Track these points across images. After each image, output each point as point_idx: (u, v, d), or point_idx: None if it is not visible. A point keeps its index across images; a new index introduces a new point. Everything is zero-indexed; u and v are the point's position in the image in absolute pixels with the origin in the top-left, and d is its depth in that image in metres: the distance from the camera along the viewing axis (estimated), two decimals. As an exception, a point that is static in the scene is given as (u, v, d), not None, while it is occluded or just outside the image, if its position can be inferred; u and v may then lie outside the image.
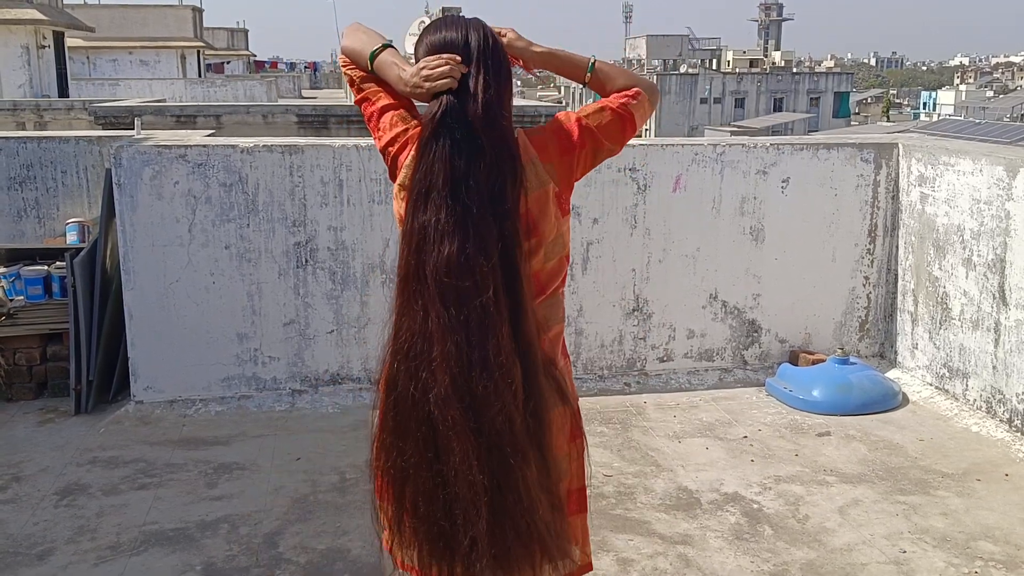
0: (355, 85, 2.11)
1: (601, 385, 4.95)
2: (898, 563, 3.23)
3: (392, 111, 2.03)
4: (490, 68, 1.92)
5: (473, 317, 1.78)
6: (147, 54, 33.48)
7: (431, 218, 1.81)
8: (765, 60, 75.60)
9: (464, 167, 1.83)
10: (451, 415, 1.78)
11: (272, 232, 4.56)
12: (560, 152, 2.00)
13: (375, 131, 2.05)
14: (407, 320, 1.84)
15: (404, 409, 1.85)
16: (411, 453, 1.85)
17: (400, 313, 1.87)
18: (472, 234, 1.80)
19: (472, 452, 1.79)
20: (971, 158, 4.58)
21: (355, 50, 2.07)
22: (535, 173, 1.96)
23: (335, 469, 3.94)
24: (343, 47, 2.12)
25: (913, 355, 5.05)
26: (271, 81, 30.52)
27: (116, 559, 3.23)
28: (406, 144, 1.98)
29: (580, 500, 2.16)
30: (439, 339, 1.79)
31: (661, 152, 4.89)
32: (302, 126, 10.57)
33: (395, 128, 2.00)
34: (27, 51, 21.36)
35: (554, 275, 2.03)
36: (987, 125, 28.08)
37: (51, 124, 13.33)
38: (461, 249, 1.79)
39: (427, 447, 1.82)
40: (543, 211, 1.96)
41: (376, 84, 2.07)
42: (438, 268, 1.79)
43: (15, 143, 5.43)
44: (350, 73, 2.12)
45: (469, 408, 1.79)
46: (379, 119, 2.03)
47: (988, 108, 56.16)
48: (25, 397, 4.73)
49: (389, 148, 2.01)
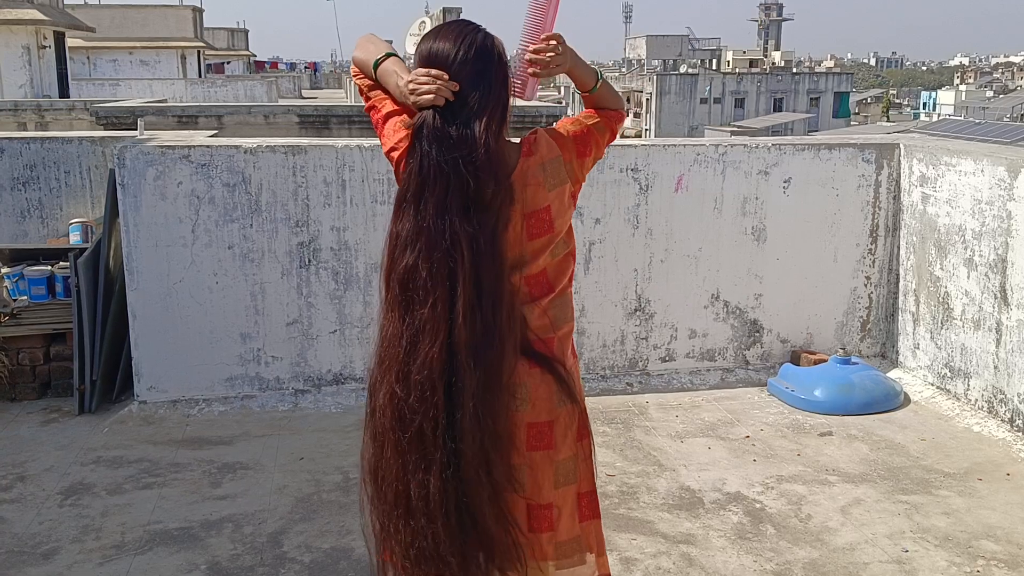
0: (364, 93, 2.19)
1: (603, 385, 4.96)
2: (900, 562, 3.24)
3: (395, 117, 2.09)
4: (477, 83, 1.96)
5: (416, 325, 1.90)
6: (147, 54, 33.48)
7: (402, 228, 1.93)
8: (765, 60, 75.64)
9: (432, 181, 1.91)
10: (383, 422, 1.95)
11: (275, 232, 4.57)
12: (577, 154, 2.08)
13: (381, 136, 2.13)
14: (385, 324, 1.97)
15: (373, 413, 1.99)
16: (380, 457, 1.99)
17: (381, 318, 2.00)
18: (424, 246, 1.89)
19: (405, 459, 1.93)
20: (972, 158, 4.59)
21: (362, 60, 2.17)
22: (556, 170, 2.03)
23: (338, 469, 3.96)
24: (353, 58, 2.21)
25: (915, 355, 5.06)
26: (272, 81, 30.53)
27: (121, 558, 3.24)
28: (408, 150, 2.02)
29: (592, 505, 2.16)
30: (394, 344, 1.93)
31: (663, 152, 4.91)
32: (303, 126, 10.56)
33: (397, 134, 2.06)
34: (28, 51, 21.36)
35: (561, 272, 2.07)
36: (987, 125, 28.09)
37: (52, 124, 13.34)
38: (415, 259, 1.90)
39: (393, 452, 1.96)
40: (560, 207, 2.04)
41: (382, 92, 2.15)
42: (399, 276, 1.92)
43: (18, 143, 5.45)
44: (359, 82, 2.21)
45: (399, 414, 1.92)
46: (383, 125, 2.11)
47: (988, 108, 56.15)
48: (29, 397, 4.74)
49: (392, 153, 2.08)
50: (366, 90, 2.19)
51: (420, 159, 1.93)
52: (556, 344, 2.06)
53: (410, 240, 1.91)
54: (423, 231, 1.89)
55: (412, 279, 1.89)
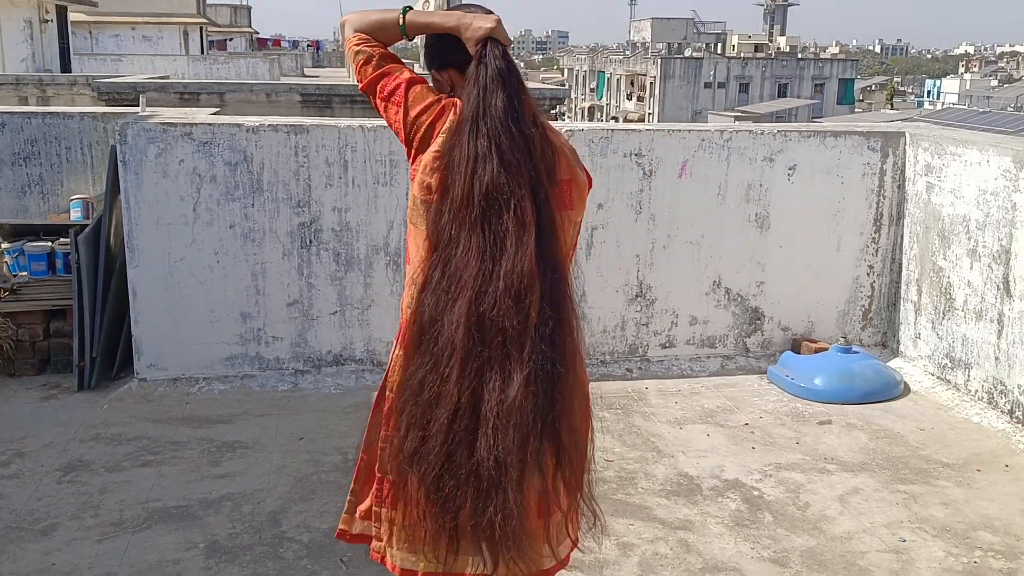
0: (372, 62, 2.08)
1: (603, 370, 4.95)
2: (898, 552, 3.24)
3: (419, 83, 2.05)
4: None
5: (503, 236, 1.83)
6: (150, 30, 33.27)
7: (473, 148, 1.87)
8: (770, 45, 75.22)
9: (511, 101, 1.90)
10: (459, 335, 1.80)
11: (277, 212, 4.56)
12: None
13: (399, 103, 2.04)
14: (449, 254, 1.86)
15: (432, 337, 1.84)
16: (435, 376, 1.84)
17: (443, 247, 1.88)
18: (498, 162, 1.85)
19: (474, 373, 1.81)
20: (978, 148, 4.56)
21: (376, 21, 2.09)
22: (570, 165, 2.04)
23: (338, 449, 3.96)
24: (357, 27, 2.09)
25: (916, 345, 5.06)
26: (274, 59, 30.32)
27: (119, 536, 3.24)
28: (442, 112, 1.99)
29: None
30: (471, 262, 1.83)
31: (667, 138, 4.88)
32: (306, 105, 10.52)
33: (427, 98, 2.02)
34: (30, 25, 21.22)
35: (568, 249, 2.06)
36: (992, 114, 28.00)
37: (54, 99, 13.28)
38: (496, 172, 1.85)
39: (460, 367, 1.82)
40: (580, 193, 2.06)
41: (395, 61, 2.09)
42: (483, 188, 1.85)
43: (19, 118, 5.42)
44: (368, 50, 2.08)
45: (480, 325, 1.80)
46: (407, 91, 2.03)
47: (992, 97, 55.96)
48: (28, 373, 4.74)
49: (422, 117, 2.01)
50: (376, 57, 2.07)
51: (500, 82, 1.90)
52: None
53: (486, 157, 1.86)
54: (494, 151, 1.86)
55: (495, 189, 1.84)
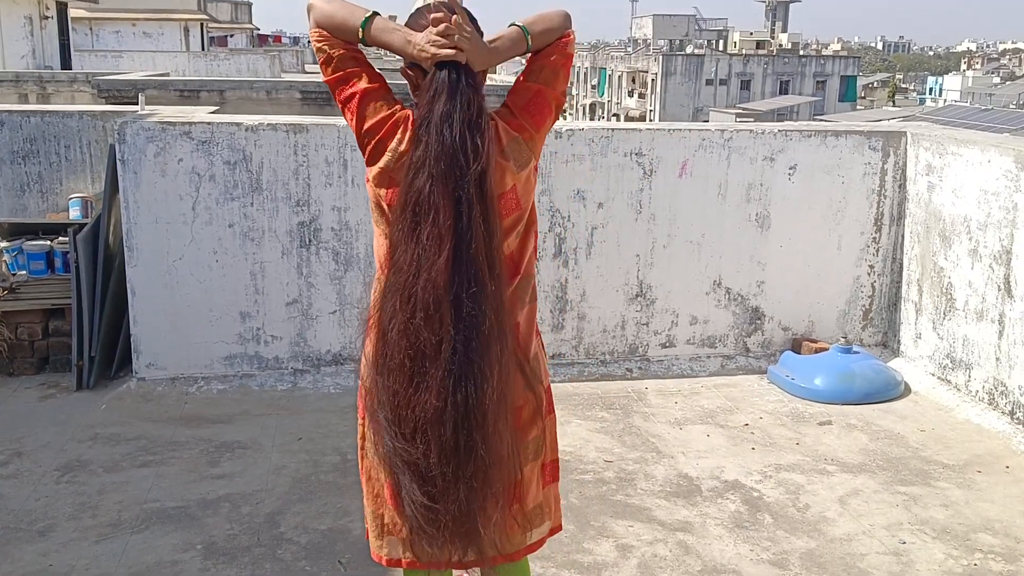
0: (331, 63, 2.00)
1: (603, 370, 4.94)
2: (898, 554, 3.23)
3: (374, 94, 1.99)
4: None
5: (426, 246, 1.85)
6: (150, 26, 33.21)
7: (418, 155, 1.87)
8: (772, 42, 75.06)
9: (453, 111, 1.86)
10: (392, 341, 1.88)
11: (276, 211, 4.54)
12: (535, 127, 2.04)
13: (353, 113, 2.00)
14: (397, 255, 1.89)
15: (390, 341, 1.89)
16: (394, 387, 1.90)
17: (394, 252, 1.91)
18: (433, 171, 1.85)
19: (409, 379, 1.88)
20: (979, 148, 4.55)
21: (338, 20, 1.97)
22: (520, 151, 2.00)
23: (336, 450, 3.95)
24: (318, 17, 1.98)
25: (916, 345, 5.04)
26: (274, 55, 30.26)
27: (117, 536, 3.24)
28: (393, 128, 1.96)
29: (554, 471, 2.26)
30: (402, 269, 1.88)
31: (668, 137, 4.86)
32: (306, 102, 10.50)
33: (380, 113, 1.98)
34: (30, 21, 21.18)
35: (524, 247, 2.07)
36: (994, 112, 27.97)
37: (54, 96, 13.25)
38: (426, 184, 1.85)
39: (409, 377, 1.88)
40: (527, 186, 2.04)
41: (355, 64, 2.01)
42: (412, 199, 1.87)
43: (18, 116, 5.40)
44: (328, 50, 1.99)
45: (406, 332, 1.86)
46: (360, 102, 1.98)
47: (994, 95, 55.84)
48: (27, 372, 4.73)
49: (373, 132, 1.97)
50: (336, 59, 1.98)
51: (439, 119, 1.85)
52: (522, 325, 2.09)
53: (420, 167, 1.86)
54: (427, 162, 1.86)
55: (423, 199, 1.85)
